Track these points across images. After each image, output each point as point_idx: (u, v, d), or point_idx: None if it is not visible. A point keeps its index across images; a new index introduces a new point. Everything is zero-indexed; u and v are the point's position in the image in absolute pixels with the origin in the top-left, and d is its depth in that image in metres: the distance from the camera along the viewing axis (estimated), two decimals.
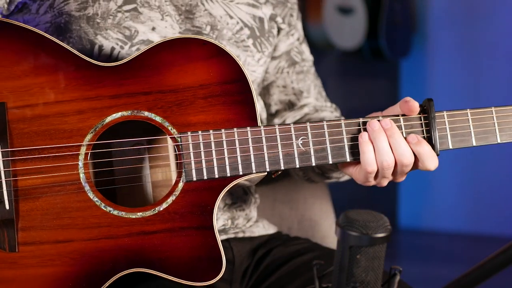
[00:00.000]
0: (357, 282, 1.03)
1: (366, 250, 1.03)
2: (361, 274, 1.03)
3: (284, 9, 1.63)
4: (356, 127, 1.37)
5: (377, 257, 1.04)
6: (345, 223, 1.03)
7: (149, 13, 1.46)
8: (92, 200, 1.31)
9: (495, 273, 1.32)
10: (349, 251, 1.02)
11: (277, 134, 1.35)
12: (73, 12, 1.44)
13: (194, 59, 1.35)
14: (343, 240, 1.03)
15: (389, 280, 1.09)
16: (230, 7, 1.54)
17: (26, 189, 1.30)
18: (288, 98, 1.67)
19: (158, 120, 1.34)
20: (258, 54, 1.57)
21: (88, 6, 1.44)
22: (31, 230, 1.29)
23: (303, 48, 1.71)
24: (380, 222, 1.03)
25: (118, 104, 1.33)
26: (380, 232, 1.02)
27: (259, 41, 1.57)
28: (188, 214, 1.32)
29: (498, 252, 1.29)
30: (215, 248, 1.32)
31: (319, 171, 1.58)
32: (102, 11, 1.44)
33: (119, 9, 1.45)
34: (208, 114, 1.34)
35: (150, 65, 1.34)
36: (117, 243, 1.30)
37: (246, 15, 1.55)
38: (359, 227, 1.02)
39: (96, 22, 1.44)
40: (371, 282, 1.04)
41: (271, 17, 1.60)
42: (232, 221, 1.58)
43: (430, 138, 1.37)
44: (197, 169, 1.33)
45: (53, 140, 1.31)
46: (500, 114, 1.41)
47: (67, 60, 1.33)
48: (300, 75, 1.68)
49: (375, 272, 1.04)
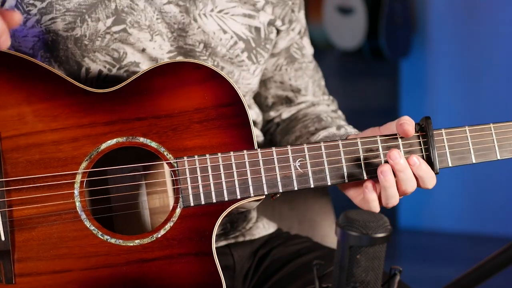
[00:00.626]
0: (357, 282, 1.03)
1: (366, 250, 1.02)
2: (361, 274, 1.03)
3: (284, 8, 1.59)
4: (354, 147, 1.36)
5: (377, 257, 1.04)
6: (345, 223, 1.03)
7: (138, 34, 1.43)
8: (88, 229, 1.29)
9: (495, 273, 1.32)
10: (349, 251, 1.02)
11: (274, 156, 1.34)
12: (61, 31, 1.41)
13: (188, 83, 1.34)
14: (343, 240, 1.03)
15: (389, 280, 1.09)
16: (224, 20, 1.50)
17: (22, 219, 1.28)
18: (285, 94, 1.66)
19: (153, 146, 1.32)
20: (254, 65, 1.55)
21: (76, 27, 1.41)
22: (28, 261, 1.27)
23: (303, 42, 1.68)
24: (380, 222, 1.03)
25: (112, 131, 1.31)
26: (380, 232, 1.02)
27: (254, 52, 1.54)
28: (187, 240, 1.31)
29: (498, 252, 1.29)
30: (215, 274, 1.30)
31: None
32: (90, 32, 1.42)
33: (108, 31, 1.42)
34: (204, 138, 1.33)
35: (144, 90, 1.33)
36: (115, 272, 1.29)
37: (241, 27, 1.52)
38: (359, 227, 1.02)
39: (84, 44, 1.42)
40: (371, 282, 1.04)
41: (270, 23, 1.57)
42: (232, 224, 1.57)
43: (429, 157, 1.36)
44: (194, 194, 1.31)
45: (48, 168, 1.29)
46: (499, 131, 1.40)
47: (60, 87, 1.31)
48: (298, 72, 1.66)
49: (375, 272, 1.04)
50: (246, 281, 1.57)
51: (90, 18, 1.41)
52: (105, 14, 1.42)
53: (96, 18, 1.41)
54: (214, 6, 1.49)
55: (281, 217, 1.81)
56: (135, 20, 1.43)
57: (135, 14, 1.43)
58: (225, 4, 1.50)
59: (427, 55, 5.76)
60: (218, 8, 1.49)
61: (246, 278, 1.57)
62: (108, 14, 1.42)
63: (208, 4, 1.48)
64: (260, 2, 1.55)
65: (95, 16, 1.42)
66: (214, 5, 1.49)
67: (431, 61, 5.76)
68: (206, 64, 1.35)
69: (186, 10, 1.47)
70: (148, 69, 1.33)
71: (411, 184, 1.35)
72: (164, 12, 1.45)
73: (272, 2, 1.57)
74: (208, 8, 1.48)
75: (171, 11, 1.45)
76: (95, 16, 1.42)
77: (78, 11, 1.41)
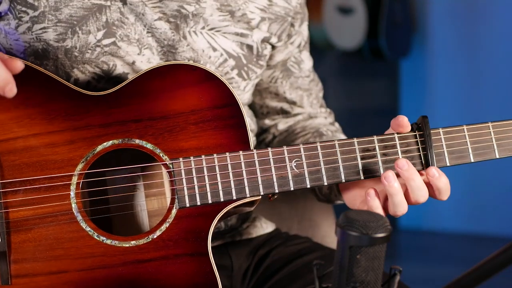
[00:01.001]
0: (357, 282, 1.03)
1: (366, 250, 1.02)
2: (361, 274, 1.03)
3: (283, 24, 1.57)
4: (351, 147, 1.35)
5: (377, 257, 1.04)
6: (345, 223, 1.03)
7: (127, 48, 1.43)
8: (84, 230, 1.29)
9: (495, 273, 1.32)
10: (349, 251, 1.02)
11: (270, 157, 1.34)
12: (51, 41, 1.41)
13: (184, 84, 1.34)
14: (343, 240, 1.03)
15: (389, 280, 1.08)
16: (214, 37, 1.49)
17: (18, 221, 1.28)
18: (280, 105, 1.65)
19: (149, 147, 1.32)
20: (244, 82, 1.53)
21: (67, 38, 1.41)
22: (24, 262, 1.28)
23: (302, 56, 1.66)
24: (380, 222, 1.03)
25: (108, 133, 1.32)
26: (380, 232, 1.02)
27: (245, 69, 1.52)
28: (183, 241, 1.31)
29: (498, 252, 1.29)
30: (211, 274, 1.30)
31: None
32: (80, 44, 1.42)
33: (98, 43, 1.42)
34: (200, 139, 1.33)
35: (139, 92, 1.33)
36: (111, 273, 1.29)
37: (232, 44, 1.50)
38: (359, 227, 1.02)
39: (74, 55, 1.42)
40: (371, 282, 1.04)
41: (264, 40, 1.54)
42: (225, 222, 1.57)
43: (426, 156, 1.35)
44: (190, 195, 1.31)
45: (44, 171, 1.30)
46: (497, 129, 1.39)
47: (56, 90, 1.32)
48: (294, 85, 1.65)
49: (375, 272, 1.04)
50: (244, 281, 1.56)
51: (81, 30, 1.41)
52: (96, 27, 1.42)
53: (87, 31, 1.41)
54: (206, 24, 1.48)
55: (281, 217, 1.81)
56: (125, 34, 1.43)
57: (125, 28, 1.43)
58: (217, 23, 1.48)
59: (427, 55, 5.76)
60: (210, 26, 1.48)
61: (245, 278, 1.57)
62: (99, 27, 1.42)
63: (200, 22, 1.47)
64: (255, 19, 1.52)
65: (86, 29, 1.42)
66: (206, 23, 1.48)
67: (431, 61, 5.76)
68: (202, 66, 1.35)
69: (176, 27, 1.46)
70: (144, 71, 1.34)
71: (422, 193, 1.34)
72: (155, 28, 1.44)
73: (270, 18, 1.54)
74: (199, 26, 1.47)
75: (161, 27, 1.45)
76: (86, 28, 1.42)
77: (69, 23, 1.41)
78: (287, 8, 1.57)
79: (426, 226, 5.79)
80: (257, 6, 1.53)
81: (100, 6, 1.42)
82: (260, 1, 1.53)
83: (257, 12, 1.52)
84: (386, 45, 5.36)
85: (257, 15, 1.52)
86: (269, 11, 1.54)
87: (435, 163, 1.35)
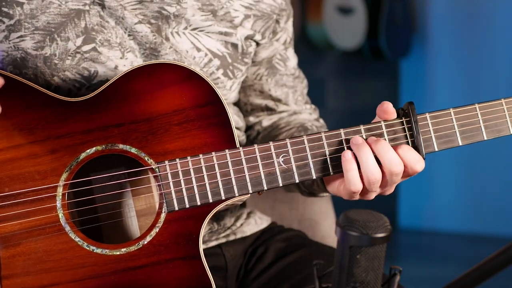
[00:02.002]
0: (357, 282, 1.03)
1: (366, 250, 1.02)
2: (361, 274, 1.03)
3: (268, 21, 1.54)
4: (337, 139, 1.33)
5: (377, 257, 1.03)
6: (345, 223, 1.03)
7: (108, 53, 1.40)
8: (74, 241, 1.27)
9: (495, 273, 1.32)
10: (349, 251, 1.02)
11: (257, 154, 1.32)
12: (30, 50, 1.38)
13: (165, 84, 1.31)
14: (343, 240, 1.03)
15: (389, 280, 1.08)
16: (198, 37, 1.46)
17: (5, 236, 1.26)
18: (265, 102, 1.63)
19: (133, 152, 1.30)
20: (230, 81, 1.51)
21: (45, 46, 1.38)
22: (15, 277, 1.26)
23: (288, 53, 1.63)
24: (380, 222, 1.03)
25: (91, 139, 1.29)
26: (380, 232, 1.02)
27: (230, 68, 1.50)
28: (173, 245, 1.29)
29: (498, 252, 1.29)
30: (204, 277, 1.29)
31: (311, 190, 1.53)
32: (60, 52, 1.39)
33: (78, 50, 1.39)
34: (185, 140, 1.31)
35: (120, 95, 1.30)
36: (103, 282, 1.27)
37: (217, 43, 1.48)
38: (359, 227, 1.02)
39: (54, 63, 1.39)
40: (371, 282, 1.04)
41: (248, 37, 1.52)
42: (218, 222, 1.56)
43: (414, 142, 1.33)
44: (178, 198, 1.29)
45: (28, 183, 1.27)
46: (484, 111, 1.37)
47: (35, 99, 1.29)
48: (279, 83, 1.63)
49: (375, 272, 1.04)
50: (238, 279, 1.56)
51: (59, 37, 1.39)
52: (75, 33, 1.39)
53: (66, 38, 1.39)
54: (188, 25, 1.45)
55: (281, 217, 1.81)
56: (105, 39, 1.41)
57: (105, 32, 1.41)
58: (200, 23, 1.46)
59: (427, 55, 5.77)
60: (192, 26, 1.46)
61: (239, 277, 1.56)
62: (77, 33, 1.40)
63: (182, 23, 1.45)
64: (238, 17, 1.50)
65: (64, 35, 1.39)
66: (188, 23, 1.45)
67: (431, 61, 5.76)
68: (183, 64, 1.33)
69: (158, 29, 1.43)
70: (123, 73, 1.31)
71: (373, 170, 1.29)
72: (136, 31, 1.42)
73: (255, 15, 1.53)
74: (182, 27, 1.45)
75: (142, 31, 1.42)
76: (65, 35, 1.39)
77: (47, 30, 1.39)
78: (273, 6, 1.55)
79: (426, 226, 5.79)
80: (242, 4, 1.51)
81: (79, 12, 1.40)
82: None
83: (241, 10, 1.51)
84: (386, 45, 5.36)
85: (241, 13, 1.51)
86: (255, 8, 1.53)
87: (424, 149, 1.33)
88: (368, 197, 1.35)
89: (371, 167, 1.29)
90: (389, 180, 1.32)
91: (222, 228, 1.56)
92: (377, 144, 1.31)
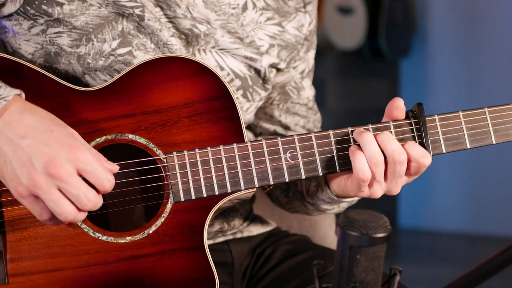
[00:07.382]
0: (357, 282, 1.03)
1: (366, 250, 1.02)
2: (361, 274, 1.03)
3: (292, 51, 1.56)
4: (345, 137, 1.34)
5: (377, 257, 1.04)
6: (345, 223, 1.03)
7: (143, 57, 1.42)
8: (80, 227, 1.29)
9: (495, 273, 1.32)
10: (349, 251, 1.02)
11: (265, 148, 1.33)
12: (65, 46, 1.40)
13: (176, 77, 1.33)
14: (343, 240, 1.03)
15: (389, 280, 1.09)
16: (223, 57, 1.48)
17: (13, 220, 1.28)
18: (274, 128, 1.63)
19: (142, 142, 1.32)
20: (248, 103, 1.53)
21: (81, 45, 1.40)
22: (21, 260, 1.27)
23: (304, 83, 1.63)
24: (380, 222, 1.03)
25: (101, 129, 1.31)
26: (380, 232, 1.02)
27: (250, 90, 1.51)
28: (178, 235, 1.30)
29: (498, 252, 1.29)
30: (208, 268, 1.30)
31: (308, 201, 1.53)
32: (94, 52, 1.40)
33: (113, 52, 1.41)
34: (194, 132, 1.32)
35: (132, 86, 1.32)
36: (108, 269, 1.29)
37: (240, 64, 1.49)
38: (359, 227, 1.02)
39: (87, 62, 1.40)
40: (371, 282, 1.04)
41: (273, 65, 1.53)
42: (228, 222, 1.57)
43: (422, 143, 1.33)
44: (184, 190, 1.31)
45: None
46: (494, 115, 1.37)
47: (47, 87, 1.31)
48: (290, 110, 1.63)
49: (375, 272, 1.04)
50: (245, 278, 1.57)
51: (96, 38, 1.40)
52: (111, 36, 1.41)
53: (102, 39, 1.41)
54: (216, 45, 1.47)
55: (281, 217, 1.81)
56: (141, 43, 1.42)
57: (141, 37, 1.42)
58: (228, 44, 1.48)
59: (427, 55, 5.77)
60: (220, 47, 1.47)
61: (245, 276, 1.57)
62: (114, 36, 1.41)
63: (211, 42, 1.46)
64: (264, 46, 1.51)
65: (101, 37, 1.41)
66: (216, 43, 1.47)
67: (431, 61, 5.77)
68: (194, 58, 1.34)
69: (187, 44, 1.45)
70: (135, 65, 1.33)
71: (375, 152, 1.30)
72: (170, 44, 1.43)
73: (280, 45, 1.54)
74: (210, 45, 1.47)
75: (176, 44, 1.44)
76: (101, 36, 1.41)
77: (84, 30, 1.40)
78: (298, 36, 1.56)
79: (426, 226, 5.79)
80: (267, 33, 1.52)
81: (117, 15, 1.41)
82: (270, 28, 1.52)
83: (266, 39, 1.52)
84: (386, 45, 5.36)
85: (265, 42, 1.52)
86: (280, 38, 1.53)
87: (431, 150, 1.33)
88: (375, 192, 1.35)
89: (373, 149, 1.30)
90: (394, 170, 1.32)
91: (231, 228, 1.57)
92: (380, 134, 1.32)
